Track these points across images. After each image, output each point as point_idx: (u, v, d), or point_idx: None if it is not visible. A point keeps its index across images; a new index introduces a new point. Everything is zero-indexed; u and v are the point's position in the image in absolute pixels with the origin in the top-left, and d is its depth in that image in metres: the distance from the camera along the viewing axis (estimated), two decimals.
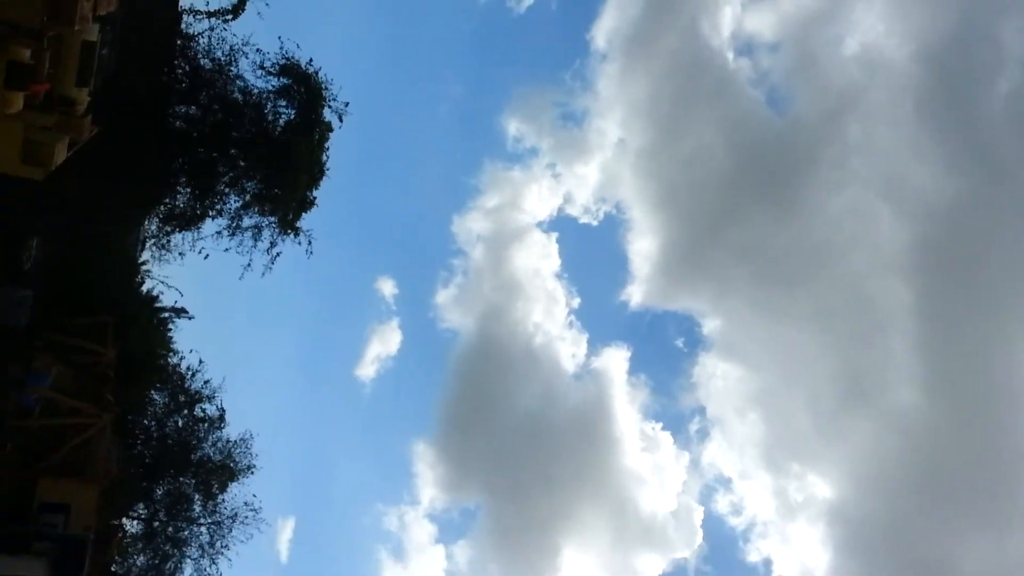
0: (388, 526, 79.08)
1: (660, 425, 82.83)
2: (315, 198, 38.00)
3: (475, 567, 76.53)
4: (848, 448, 70.42)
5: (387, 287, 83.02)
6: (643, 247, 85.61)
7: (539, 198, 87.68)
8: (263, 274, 37.34)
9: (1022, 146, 63.94)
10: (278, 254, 37.38)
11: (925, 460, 62.88)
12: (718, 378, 78.83)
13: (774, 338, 75.12)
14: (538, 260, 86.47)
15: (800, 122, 79.98)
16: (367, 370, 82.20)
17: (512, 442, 75.72)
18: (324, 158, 37.41)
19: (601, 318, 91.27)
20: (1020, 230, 60.52)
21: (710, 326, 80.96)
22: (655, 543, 75.66)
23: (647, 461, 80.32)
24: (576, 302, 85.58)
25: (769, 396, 75.93)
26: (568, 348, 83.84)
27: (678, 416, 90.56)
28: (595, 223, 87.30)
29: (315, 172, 37.31)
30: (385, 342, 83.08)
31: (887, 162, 71.77)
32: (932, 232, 66.66)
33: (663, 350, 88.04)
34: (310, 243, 37.86)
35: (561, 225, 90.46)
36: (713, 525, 78.49)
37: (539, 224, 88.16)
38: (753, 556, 77.78)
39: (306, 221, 37.87)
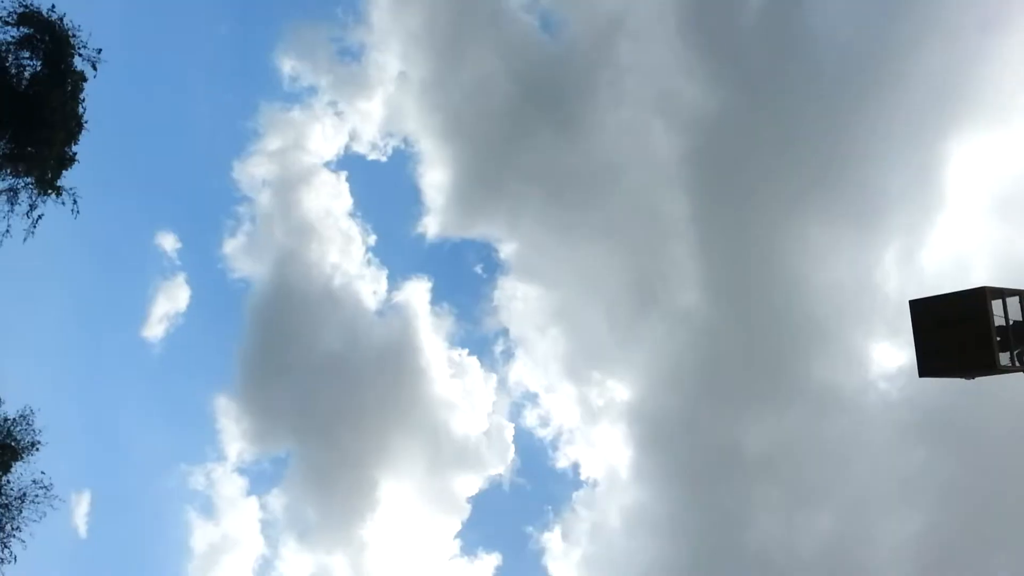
0: (195, 485, 76.65)
1: (466, 351, 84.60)
2: (75, 154, 36.14)
3: (291, 513, 76.15)
4: (642, 351, 75.18)
5: (168, 242, 78.44)
6: (435, 178, 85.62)
7: (324, 137, 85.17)
8: (24, 239, 35.24)
9: (771, 57, 68.99)
10: (39, 217, 35.29)
11: (709, 354, 68.17)
12: (518, 300, 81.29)
13: (568, 256, 78.27)
14: (329, 200, 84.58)
15: (575, 46, 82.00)
16: (155, 329, 77.92)
17: (319, 386, 75.22)
18: (80, 110, 35.42)
19: (399, 252, 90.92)
20: (773, 134, 65.65)
21: (506, 250, 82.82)
22: (470, 464, 78.13)
23: (457, 386, 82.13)
24: (372, 239, 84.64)
25: (567, 311, 79.38)
26: (368, 286, 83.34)
27: (483, 340, 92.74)
28: (384, 159, 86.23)
29: (72, 126, 35.35)
30: (172, 299, 78.74)
31: (657, 79, 75.30)
32: (701, 143, 71.05)
33: (463, 278, 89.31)
34: (75, 202, 36.05)
35: (349, 163, 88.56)
36: (523, 439, 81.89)
37: (327, 164, 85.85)
38: (562, 462, 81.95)
39: (68, 179, 35.91)
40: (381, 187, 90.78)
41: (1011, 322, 22.47)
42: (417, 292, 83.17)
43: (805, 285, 63.23)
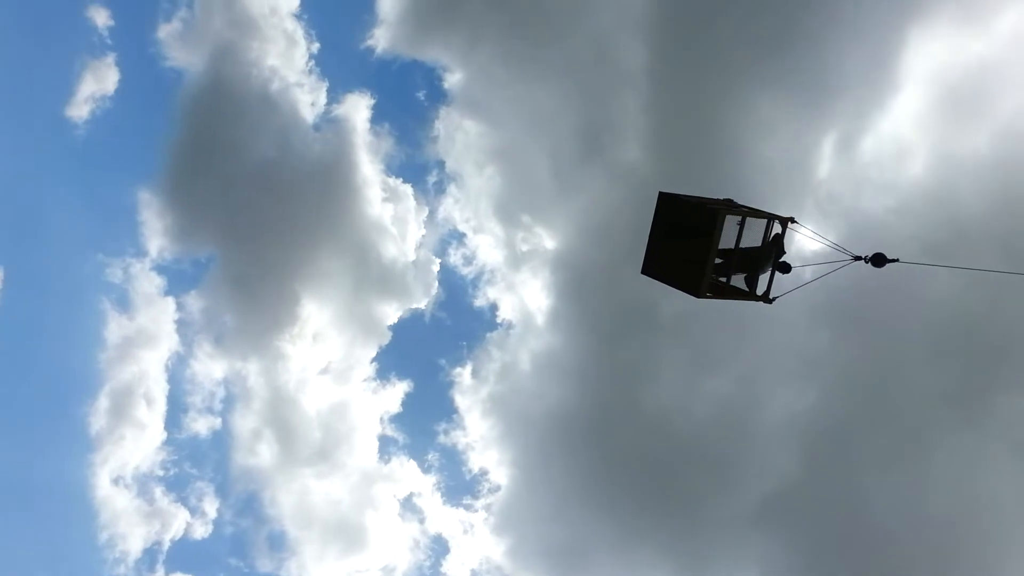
0: (111, 278, 74.69)
1: (401, 179, 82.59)
2: None
3: (208, 316, 75.37)
4: (576, 201, 74.22)
5: (100, 17, 73.19)
6: None
7: None
8: None
9: None
10: None
11: (642, 212, 67.64)
12: (461, 131, 78.85)
13: (518, 95, 75.41)
14: None
15: None
16: (80, 110, 73.62)
17: (247, 192, 72.86)
18: None
19: (343, 64, 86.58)
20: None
21: (453, 79, 79.58)
22: (394, 292, 77.74)
23: (388, 211, 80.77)
24: (316, 46, 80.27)
25: (508, 152, 77.27)
26: (307, 96, 79.77)
27: (420, 168, 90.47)
28: None
29: None
30: (100, 79, 74.12)
31: None
32: None
33: (408, 100, 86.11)
34: None
35: None
36: (447, 276, 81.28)
37: None
38: (481, 301, 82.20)
39: None
40: None
41: (743, 248, 20.62)
42: (358, 108, 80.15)
43: (746, 157, 62.31)
